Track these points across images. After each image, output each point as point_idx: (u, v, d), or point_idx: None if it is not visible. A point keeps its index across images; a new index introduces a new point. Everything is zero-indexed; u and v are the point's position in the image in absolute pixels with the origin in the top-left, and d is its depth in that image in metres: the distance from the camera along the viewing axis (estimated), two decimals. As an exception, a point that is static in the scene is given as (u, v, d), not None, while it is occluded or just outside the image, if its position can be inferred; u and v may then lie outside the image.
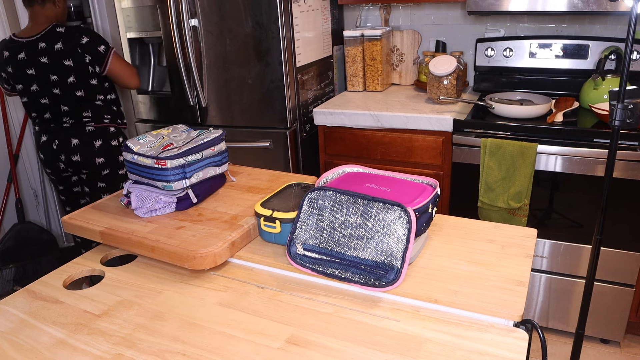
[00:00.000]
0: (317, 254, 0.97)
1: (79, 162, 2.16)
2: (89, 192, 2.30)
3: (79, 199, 2.38)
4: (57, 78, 2.08)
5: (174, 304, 0.96)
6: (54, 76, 2.07)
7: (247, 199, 1.28)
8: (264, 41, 2.08)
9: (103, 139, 2.18)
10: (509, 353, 0.78)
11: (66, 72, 2.07)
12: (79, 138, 2.14)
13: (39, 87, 2.10)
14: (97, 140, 2.17)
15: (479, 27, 2.47)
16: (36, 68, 2.07)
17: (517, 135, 1.94)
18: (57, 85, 2.09)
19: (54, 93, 2.10)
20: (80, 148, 2.15)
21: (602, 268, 1.98)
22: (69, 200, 2.39)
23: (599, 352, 2.07)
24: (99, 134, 2.18)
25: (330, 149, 2.30)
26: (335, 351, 0.81)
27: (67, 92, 2.10)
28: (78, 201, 2.39)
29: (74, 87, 2.10)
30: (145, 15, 2.27)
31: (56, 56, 2.05)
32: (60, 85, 2.09)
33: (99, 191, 2.27)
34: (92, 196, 2.29)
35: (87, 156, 2.16)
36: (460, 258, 1.02)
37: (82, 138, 2.15)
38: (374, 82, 2.50)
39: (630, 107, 1.27)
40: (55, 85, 2.09)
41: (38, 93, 2.11)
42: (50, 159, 2.19)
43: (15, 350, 0.85)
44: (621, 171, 1.82)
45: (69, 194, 2.36)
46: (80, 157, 2.15)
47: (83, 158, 2.16)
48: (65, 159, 2.16)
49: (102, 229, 1.14)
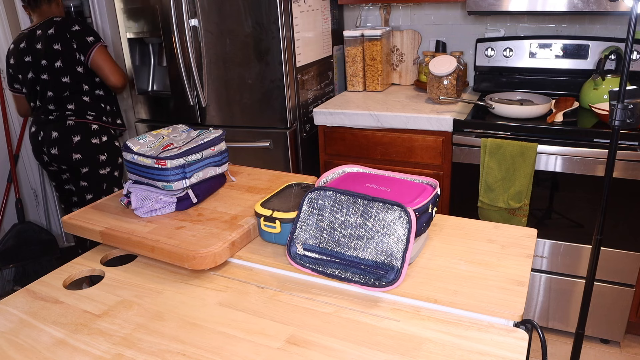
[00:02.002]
0: (317, 254, 0.97)
1: (57, 156, 2.17)
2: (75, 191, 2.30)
3: (71, 196, 2.39)
4: (46, 62, 2.11)
5: (174, 304, 0.96)
6: (44, 61, 2.11)
7: (247, 199, 1.28)
8: (264, 41, 2.08)
9: (82, 135, 2.16)
10: (509, 353, 0.78)
11: (55, 56, 2.10)
12: (58, 131, 2.15)
13: (33, 74, 2.14)
14: (75, 136, 2.15)
15: (479, 27, 2.47)
16: (32, 55, 2.13)
17: (517, 135, 1.94)
18: (45, 70, 2.12)
19: (42, 79, 2.13)
20: (57, 141, 2.15)
21: (602, 268, 1.98)
22: (61, 197, 2.42)
23: (599, 352, 2.07)
24: (78, 129, 2.16)
25: (330, 149, 2.30)
26: (335, 351, 0.81)
27: (54, 76, 2.12)
28: (70, 198, 2.40)
29: (60, 72, 2.12)
30: (145, 15, 2.27)
31: (48, 41, 2.10)
32: (48, 70, 2.12)
33: (82, 190, 2.26)
34: (78, 195, 2.28)
35: (64, 151, 2.15)
36: (460, 258, 1.02)
37: (60, 131, 2.15)
38: (374, 82, 2.50)
39: (630, 107, 1.27)
40: (45, 70, 2.12)
41: (33, 81, 2.16)
42: (36, 150, 2.23)
43: (15, 350, 0.85)
44: (621, 171, 1.82)
45: (61, 191, 2.39)
46: (57, 150, 2.15)
47: (60, 152, 2.15)
48: (47, 151, 2.18)
49: (102, 229, 1.14)
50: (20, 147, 2.84)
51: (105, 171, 2.24)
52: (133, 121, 2.55)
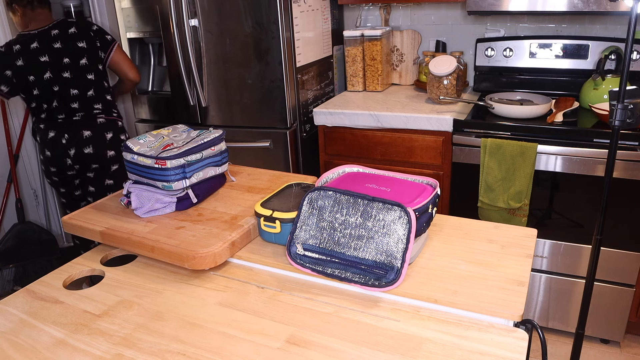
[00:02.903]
0: (317, 254, 0.97)
1: (91, 155, 2.15)
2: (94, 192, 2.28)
3: (80, 201, 2.37)
4: (69, 60, 2.10)
5: (174, 304, 0.96)
6: (66, 59, 2.10)
7: (247, 199, 1.28)
8: (264, 41, 2.08)
9: (114, 132, 2.20)
10: (509, 353, 0.78)
11: (79, 53, 2.11)
12: (91, 130, 2.14)
13: (52, 74, 2.10)
14: (108, 133, 2.18)
15: (479, 27, 2.47)
16: (50, 54, 2.09)
17: (517, 135, 1.94)
18: (68, 67, 2.11)
19: (64, 77, 2.11)
20: (92, 140, 2.15)
21: (602, 268, 1.98)
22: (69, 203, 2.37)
23: (599, 352, 2.07)
24: (109, 126, 2.19)
25: (330, 149, 2.30)
26: (335, 351, 0.81)
27: (79, 74, 2.12)
28: (78, 204, 2.38)
29: (86, 70, 2.13)
30: (145, 15, 2.27)
31: (70, 39, 2.10)
32: (71, 68, 2.11)
33: (106, 189, 2.25)
34: (98, 196, 2.27)
35: (99, 148, 2.16)
36: (460, 258, 1.02)
37: (93, 130, 2.15)
38: (374, 82, 2.50)
39: (630, 107, 1.27)
40: (67, 68, 2.11)
41: (50, 80, 2.11)
42: (58, 155, 2.15)
43: (15, 350, 0.85)
44: (621, 171, 1.82)
45: (70, 197, 2.33)
46: (92, 149, 2.15)
47: (95, 150, 2.15)
48: (75, 152, 2.14)
49: (102, 229, 1.14)
50: (20, 147, 2.84)
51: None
52: (133, 121, 2.55)
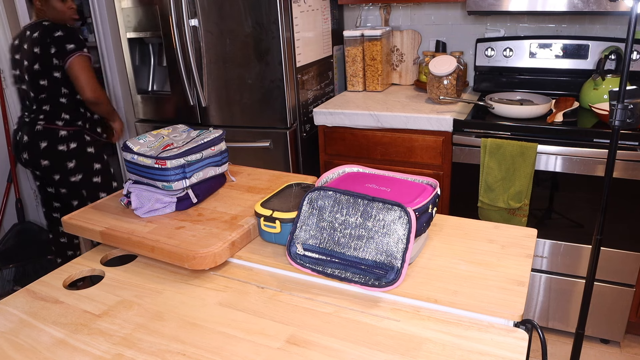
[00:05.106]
0: (317, 254, 0.97)
1: (27, 161, 2.16)
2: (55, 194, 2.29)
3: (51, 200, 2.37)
4: (27, 64, 2.13)
5: (174, 304, 0.96)
6: (26, 61, 2.14)
7: (247, 199, 1.28)
8: (264, 41, 2.08)
9: (49, 142, 2.13)
10: (509, 353, 0.78)
11: (33, 58, 2.11)
12: (27, 136, 2.14)
13: (20, 72, 2.18)
14: (42, 142, 2.13)
15: (479, 27, 2.47)
16: (19, 54, 2.16)
17: (517, 135, 1.94)
18: (27, 70, 2.14)
19: (26, 79, 2.16)
20: (27, 146, 2.14)
21: (602, 268, 1.97)
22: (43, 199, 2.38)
23: (599, 352, 2.07)
24: (45, 135, 2.13)
25: (330, 149, 2.30)
26: (335, 351, 0.81)
27: (33, 77, 2.14)
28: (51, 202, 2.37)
29: (38, 75, 2.13)
30: (145, 15, 2.27)
31: (30, 43, 2.12)
32: (28, 71, 2.13)
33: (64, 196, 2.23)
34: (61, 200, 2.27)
35: (33, 156, 2.15)
36: (460, 258, 1.02)
37: (29, 136, 2.14)
38: (374, 82, 2.50)
39: (630, 107, 1.27)
40: (26, 70, 2.14)
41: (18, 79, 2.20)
42: (16, 151, 2.23)
43: (15, 350, 0.85)
44: (621, 171, 1.82)
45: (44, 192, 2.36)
46: (27, 155, 2.15)
47: (30, 157, 2.15)
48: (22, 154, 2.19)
49: (102, 229, 1.14)
50: (20, 147, 2.83)
51: (77, 178, 2.18)
52: (133, 121, 2.55)
